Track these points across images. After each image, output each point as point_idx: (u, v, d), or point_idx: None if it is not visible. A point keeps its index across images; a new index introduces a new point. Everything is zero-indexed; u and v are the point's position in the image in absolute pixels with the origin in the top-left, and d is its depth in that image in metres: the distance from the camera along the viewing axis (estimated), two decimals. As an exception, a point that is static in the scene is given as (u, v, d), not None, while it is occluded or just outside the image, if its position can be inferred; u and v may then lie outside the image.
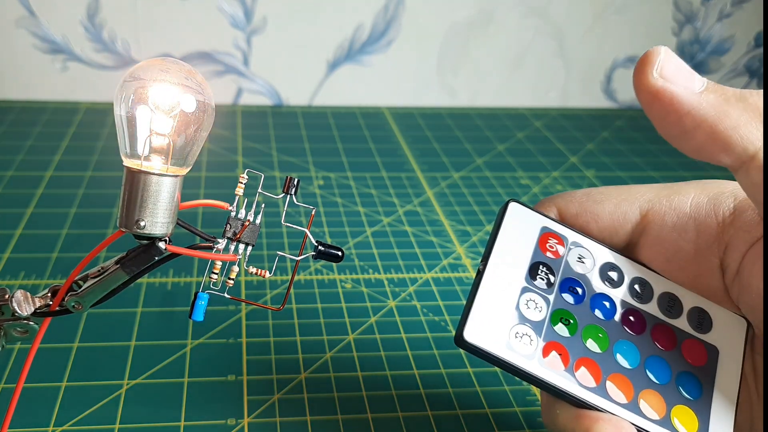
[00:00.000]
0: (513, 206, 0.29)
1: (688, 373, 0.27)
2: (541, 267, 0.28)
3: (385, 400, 0.39)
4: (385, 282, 0.49)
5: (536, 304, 0.27)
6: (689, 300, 0.29)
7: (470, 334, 0.26)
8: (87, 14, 0.72)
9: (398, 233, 0.55)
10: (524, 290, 0.27)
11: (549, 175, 0.67)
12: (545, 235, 0.29)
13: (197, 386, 0.39)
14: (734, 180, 0.28)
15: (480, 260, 0.28)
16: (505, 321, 0.27)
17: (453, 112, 0.81)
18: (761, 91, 0.24)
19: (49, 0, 0.71)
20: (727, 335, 0.28)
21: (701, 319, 0.28)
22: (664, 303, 0.28)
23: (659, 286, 0.29)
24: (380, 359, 0.42)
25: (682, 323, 0.28)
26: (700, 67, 0.87)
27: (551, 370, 0.26)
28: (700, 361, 0.27)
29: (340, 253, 0.28)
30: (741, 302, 0.28)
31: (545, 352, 0.26)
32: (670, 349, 0.27)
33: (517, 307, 0.27)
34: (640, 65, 0.25)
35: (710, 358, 0.27)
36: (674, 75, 0.25)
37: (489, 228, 0.57)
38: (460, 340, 0.26)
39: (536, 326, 0.27)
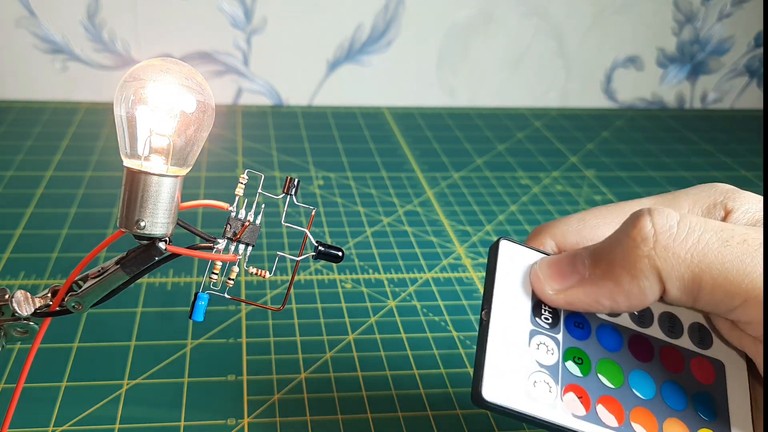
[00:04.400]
0: (504, 245, 0.28)
1: (702, 393, 0.27)
2: (543, 306, 0.27)
3: (385, 400, 0.39)
4: (385, 282, 0.49)
5: (547, 347, 0.26)
6: (687, 317, 0.28)
7: (489, 392, 0.24)
8: (87, 14, 0.72)
9: (398, 233, 0.55)
10: (533, 333, 0.26)
11: (549, 175, 0.67)
12: None
13: (197, 386, 0.39)
14: (729, 183, 0.28)
15: (481, 309, 0.27)
16: (520, 370, 0.25)
17: (453, 112, 0.81)
18: (626, 221, 0.25)
19: (49, 0, 0.71)
20: (728, 348, 0.28)
21: (702, 335, 0.28)
22: (665, 324, 0.28)
23: (656, 307, 0.28)
24: (380, 359, 0.42)
25: (685, 342, 0.28)
26: (700, 67, 0.87)
27: (575, 417, 0.25)
28: (709, 378, 0.27)
29: (340, 254, 0.28)
30: None
31: (565, 396, 0.25)
32: (680, 372, 0.27)
33: (530, 353, 0.26)
34: (536, 293, 0.27)
35: (718, 374, 0.27)
36: (560, 279, 0.26)
37: (489, 228, 0.57)
38: (478, 400, 0.24)
39: (552, 370, 0.26)
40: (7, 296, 0.28)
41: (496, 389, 0.25)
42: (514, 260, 0.28)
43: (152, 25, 0.73)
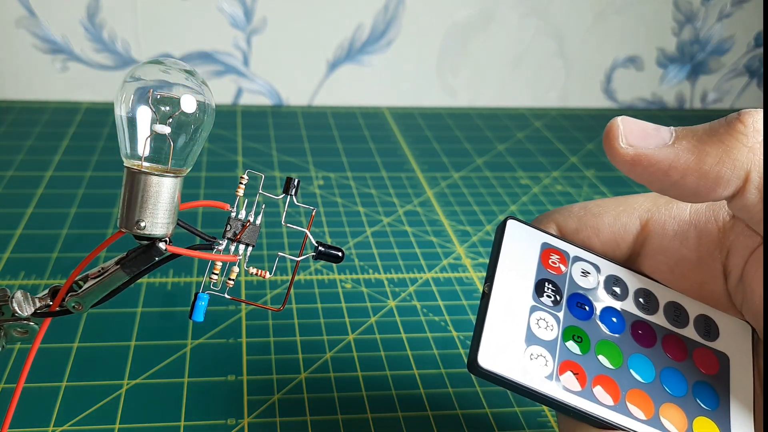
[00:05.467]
0: (511, 224, 0.28)
1: (704, 383, 0.27)
2: (546, 284, 0.27)
3: (385, 400, 0.39)
4: (385, 282, 0.49)
5: (547, 323, 0.27)
6: (694, 308, 0.28)
7: (484, 360, 0.25)
8: (87, 14, 0.72)
9: (398, 233, 0.55)
10: (533, 309, 0.27)
11: (549, 175, 0.67)
12: (546, 251, 0.28)
13: (197, 386, 0.39)
14: None
15: (484, 283, 0.28)
16: (518, 343, 0.26)
17: (453, 112, 0.81)
18: (726, 118, 0.24)
19: (49, 0, 0.71)
20: (735, 341, 0.28)
21: (708, 327, 0.28)
22: (670, 313, 0.28)
23: (663, 296, 0.28)
24: (380, 359, 0.42)
25: (690, 332, 0.28)
26: (700, 67, 0.87)
27: (569, 392, 0.25)
28: (712, 369, 0.27)
29: (340, 254, 0.28)
30: (744, 307, 0.28)
31: (561, 372, 0.25)
32: (682, 360, 0.27)
33: (529, 328, 0.26)
34: (606, 142, 0.25)
35: (722, 366, 0.27)
36: (641, 138, 0.25)
37: (489, 228, 0.57)
38: (474, 367, 0.25)
39: (549, 346, 0.26)
40: (7, 296, 0.28)
41: (492, 358, 0.25)
42: (520, 239, 0.28)
43: (152, 25, 0.73)
